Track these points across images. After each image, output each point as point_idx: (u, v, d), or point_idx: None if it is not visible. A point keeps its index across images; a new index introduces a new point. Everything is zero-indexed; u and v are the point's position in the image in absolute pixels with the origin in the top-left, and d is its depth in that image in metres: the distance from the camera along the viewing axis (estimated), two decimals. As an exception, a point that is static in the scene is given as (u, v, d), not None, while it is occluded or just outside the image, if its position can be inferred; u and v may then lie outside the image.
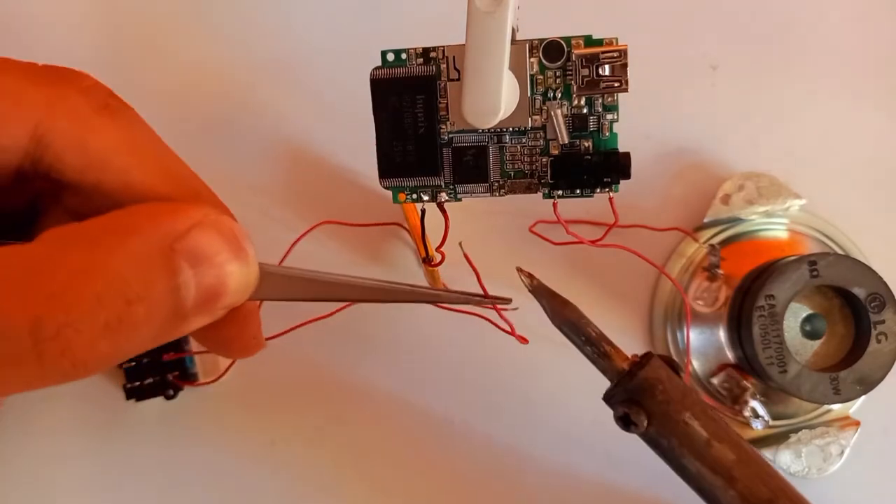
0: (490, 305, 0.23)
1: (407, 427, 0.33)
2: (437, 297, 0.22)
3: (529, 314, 0.25)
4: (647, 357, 0.22)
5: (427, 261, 0.28)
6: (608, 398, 0.22)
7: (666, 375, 0.21)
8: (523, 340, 0.28)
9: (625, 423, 0.21)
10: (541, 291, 0.22)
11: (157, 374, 0.32)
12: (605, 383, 0.30)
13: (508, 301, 0.22)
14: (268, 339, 0.26)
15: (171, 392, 0.33)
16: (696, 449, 0.21)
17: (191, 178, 0.20)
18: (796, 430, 0.31)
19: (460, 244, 0.23)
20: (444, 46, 0.23)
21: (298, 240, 0.31)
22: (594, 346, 0.22)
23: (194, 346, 0.33)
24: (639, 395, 0.21)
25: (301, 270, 0.20)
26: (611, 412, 0.22)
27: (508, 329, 0.28)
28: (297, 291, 0.20)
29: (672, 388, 0.21)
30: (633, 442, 0.22)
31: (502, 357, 0.33)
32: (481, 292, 0.23)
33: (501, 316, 0.27)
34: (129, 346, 0.16)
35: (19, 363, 0.14)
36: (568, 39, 0.22)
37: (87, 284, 0.15)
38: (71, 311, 0.14)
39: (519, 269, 0.22)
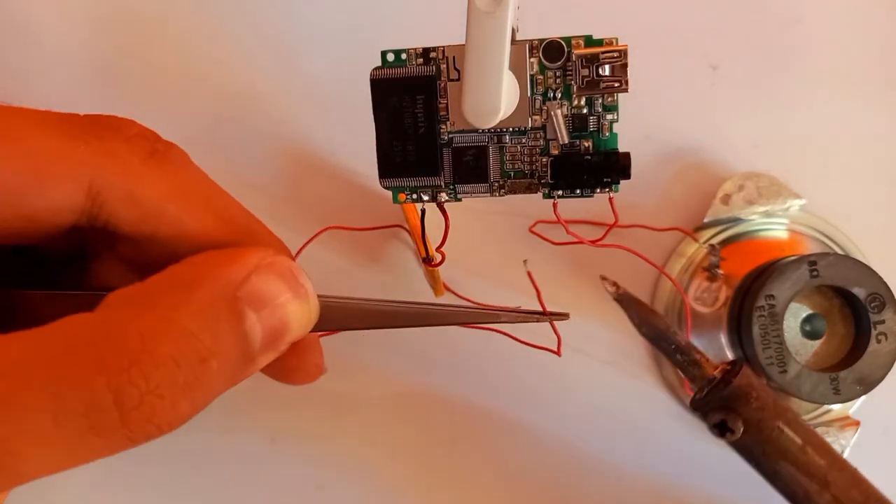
0: (548, 321, 0.22)
1: (408, 426, 0.33)
2: (496, 317, 0.22)
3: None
4: (737, 364, 0.22)
5: (427, 261, 0.28)
6: (699, 405, 0.22)
7: (757, 382, 0.21)
8: (558, 354, 0.28)
9: (721, 430, 0.21)
10: (627, 301, 0.22)
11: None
12: (608, 386, 0.31)
13: (566, 316, 0.22)
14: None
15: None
16: (792, 455, 0.21)
17: (244, 217, 0.20)
18: (796, 430, 0.31)
19: (525, 262, 0.23)
20: (444, 46, 0.23)
21: (304, 247, 0.31)
22: (684, 353, 0.22)
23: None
24: (733, 402, 0.21)
25: (358, 301, 0.20)
26: (617, 416, 0.22)
27: (529, 342, 0.28)
28: (355, 321, 0.20)
29: (765, 395, 0.21)
30: (647, 446, 0.22)
31: (504, 355, 0.33)
32: (532, 310, 0.22)
33: (555, 331, 0.27)
34: (206, 399, 0.16)
35: (107, 433, 0.15)
36: (568, 39, 0.22)
37: (163, 347, 0.15)
38: (151, 378, 0.15)
39: (603, 278, 0.22)
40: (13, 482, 0.15)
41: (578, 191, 0.24)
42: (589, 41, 0.22)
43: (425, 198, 0.24)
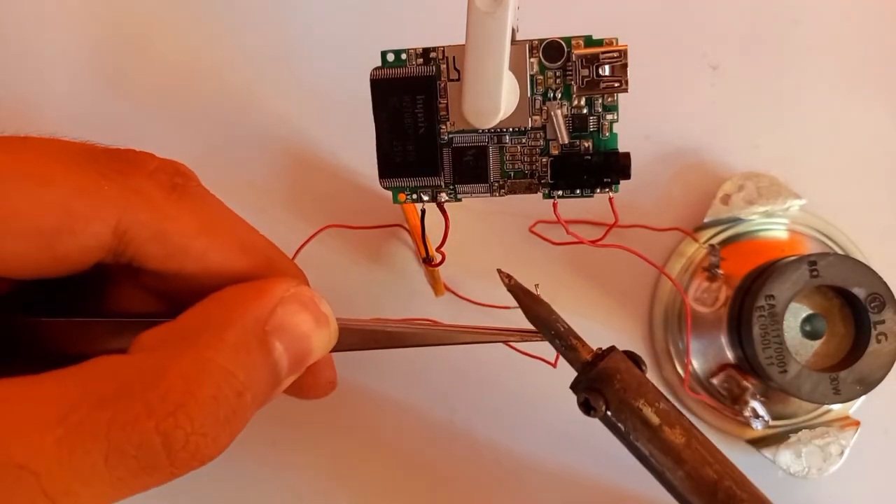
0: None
1: (408, 428, 0.33)
2: (506, 336, 0.23)
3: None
4: (609, 350, 0.23)
5: (427, 261, 0.28)
6: (573, 386, 0.23)
7: (624, 367, 0.23)
8: (554, 366, 0.29)
9: (585, 407, 0.23)
10: (516, 290, 0.24)
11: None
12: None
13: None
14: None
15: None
16: (648, 433, 0.22)
17: (264, 246, 0.21)
18: (796, 430, 0.31)
19: (536, 286, 0.24)
20: (444, 47, 0.23)
21: (304, 245, 0.31)
22: (562, 339, 0.23)
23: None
24: (598, 383, 0.23)
25: (370, 322, 0.22)
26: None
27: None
28: (368, 342, 0.22)
29: (629, 378, 0.23)
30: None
31: (504, 355, 0.33)
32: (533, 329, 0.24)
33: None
34: (241, 427, 0.17)
35: (155, 472, 0.15)
36: (568, 39, 0.22)
37: (203, 389, 0.16)
38: (195, 419, 0.16)
39: (499, 271, 0.24)
40: None
41: (578, 191, 0.24)
42: (589, 41, 0.22)
43: (425, 198, 0.24)
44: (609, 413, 0.23)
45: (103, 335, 0.18)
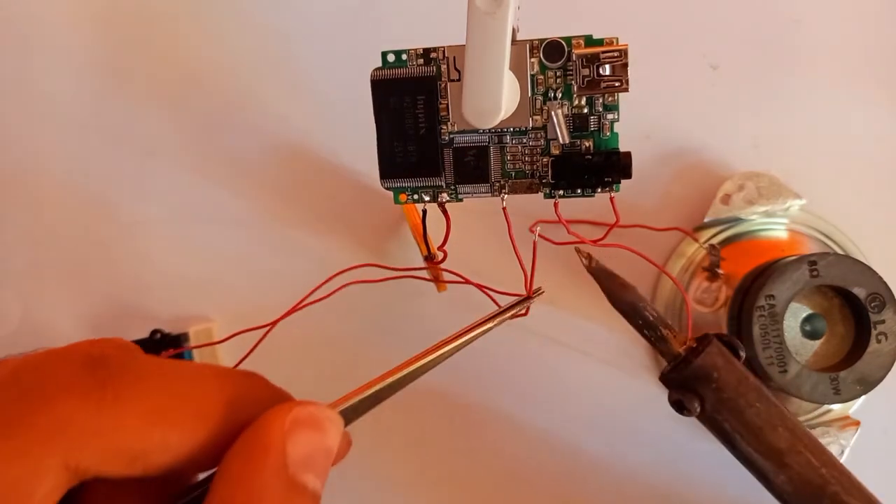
0: (531, 303, 0.23)
1: (409, 426, 0.33)
2: (499, 319, 0.22)
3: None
4: (704, 343, 0.21)
5: (429, 258, 0.28)
6: (664, 380, 0.22)
7: (722, 362, 0.21)
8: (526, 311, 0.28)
9: (678, 407, 0.21)
10: (600, 273, 0.22)
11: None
12: (608, 386, 0.31)
13: (541, 292, 0.23)
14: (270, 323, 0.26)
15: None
16: (750, 434, 0.21)
17: (218, 393, 0.18)
18: (796, 430, 0.31)
19: (540, 289, 0.23)
20: (444, 47, 0.23)
21: (337, 274, 0.30)
22: (652, 329, 0.22)
23: (193, 340, 0.33)
24: (693, 382, 0.21)
25: (365, 387, 0.22)
26: (609, 412, 0.22)
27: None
28: (371, 405, 0.22)
29: (728, 375, 0.21)
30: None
31: (506, 355, 0.33)
32: (513, 304, 0.23)
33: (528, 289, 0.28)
34: None
35: None
36: (568, 39, 0.23)
37: None
38: None
39: (578, 250, 0.22)
40: None
41: (579, 190, 0.24)
42: (589, 41, 0.23)
43: (426, 198, 0.24)
44: (705, 413, 0.21)
45: None
